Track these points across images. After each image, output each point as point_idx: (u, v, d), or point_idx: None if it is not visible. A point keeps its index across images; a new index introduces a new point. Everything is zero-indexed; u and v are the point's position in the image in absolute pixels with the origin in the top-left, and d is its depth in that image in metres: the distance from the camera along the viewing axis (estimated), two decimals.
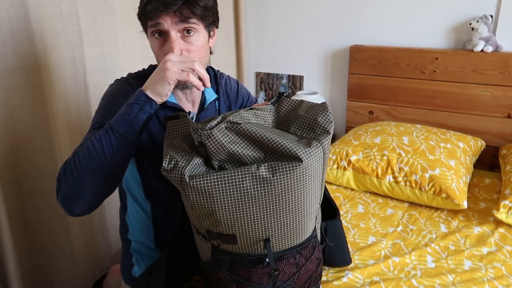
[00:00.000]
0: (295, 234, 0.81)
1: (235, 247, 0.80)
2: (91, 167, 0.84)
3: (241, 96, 1.19)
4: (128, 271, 1.17)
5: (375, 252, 1.22)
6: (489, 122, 1.84)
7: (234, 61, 2.38)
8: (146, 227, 1.12)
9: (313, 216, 0.84)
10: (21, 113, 1.35)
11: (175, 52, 0.91)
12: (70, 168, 0.85)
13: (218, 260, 0.82)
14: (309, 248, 0.85)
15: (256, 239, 0.79)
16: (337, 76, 2.23)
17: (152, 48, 0.98)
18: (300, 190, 0.76)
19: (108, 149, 0.85)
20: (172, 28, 0.91)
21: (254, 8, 2.34)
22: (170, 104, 1.02)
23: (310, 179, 0.76)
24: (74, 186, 0.84)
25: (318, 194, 0.83)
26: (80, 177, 0.84)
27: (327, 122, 0.81)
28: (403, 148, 1.59)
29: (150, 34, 0.95)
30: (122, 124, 0.85)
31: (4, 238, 1.32)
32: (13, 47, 1.30)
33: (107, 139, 0.85)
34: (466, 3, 1.83)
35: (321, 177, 0.81)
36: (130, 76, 1.06)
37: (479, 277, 1.10)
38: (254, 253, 0.81)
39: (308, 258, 0.85)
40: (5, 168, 1.34)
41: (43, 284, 1.52)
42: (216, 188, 0.73)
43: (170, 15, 0.90)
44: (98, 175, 0.85)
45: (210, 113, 1.11)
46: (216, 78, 1.16)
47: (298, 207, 0.78)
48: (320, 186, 0.83)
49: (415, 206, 1.52)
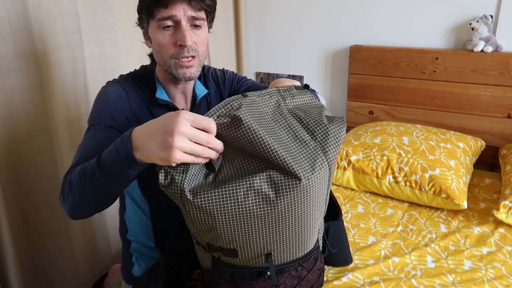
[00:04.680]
0: (297, 248, 0.80)
1: (236, 260, 0.79)
2: (87, 195, 0.78)
3: (228, 80, 1.18)
4: (128, 270, 1.17)
5: (375, 252, 1.22)
6: (489, 122, 1.84)
7: (234, 61, 2.38)
8: (145, 227, 1.13)
9: (316, 229, 0.82)
10: (21, 113, 1.35)
11: (187, 43, 0.91)
12: (70, 187, 0.79)
13: (219, 271, 0.81)
14: (311, 260, 0.84)
15: (257, 253, 0.77)
16: (337, 76, 2.23)
17: (157, 41, 0.95)
18: (304, 207, 0.73)
19: (99, 188, 0.76)
20: (183, 18, 0.92)
21: (254, 8, 2.34)
22: (162, 101, 1.03)
23: (314, 196, 0.74)
24: (74, 202, 0.80)
25: (323, 208, 0.81)
26: (80, 197, 0.79)
27: (340, 134, 0.77)
28: (403, 148, 1.59)
29: (157, 26, 0.94)
30: (109, 175, 0.73)
31: (4, 238, 1.32)
32: (13, 47, 1.30)
33: (96, 180, 0.74)
34: (466, 3, 1.83)
35: (326, 191, 0.78)
36: (121, 77, 1.06)
37: (479, 277, 1.10)
38: (256, 266, 0.79)
39: (310, 270, 0.84)
40: (5, 168, 1.34)
41: (43, 284, 1.52)
42: (218, 206, 0.69)
43: (184, 4, 0.91)
44: (95, 197, 0.80)
45: (202, 109, 1.11)
46: (204, 73, 1.16)
47: (302, 223, 0.76)
48: (325, 199, 0.81)
49: (415, 206, 1.52)
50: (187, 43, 0.92)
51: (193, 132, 0.64)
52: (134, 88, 1.03)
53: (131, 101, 1.01)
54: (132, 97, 1.01)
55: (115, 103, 0.97)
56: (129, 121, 0.99)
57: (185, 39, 0.92)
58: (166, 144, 0.63)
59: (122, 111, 0.97)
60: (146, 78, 1.06)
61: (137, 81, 1.05)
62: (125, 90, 1.01)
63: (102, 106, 0.97)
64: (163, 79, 1.04)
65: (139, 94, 1.03)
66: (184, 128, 0.63)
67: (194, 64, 0.96)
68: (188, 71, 0.96)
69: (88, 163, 0.77)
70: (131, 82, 1.03)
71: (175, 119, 0.63)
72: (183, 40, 0.92)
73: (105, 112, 0.95)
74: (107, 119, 0.94)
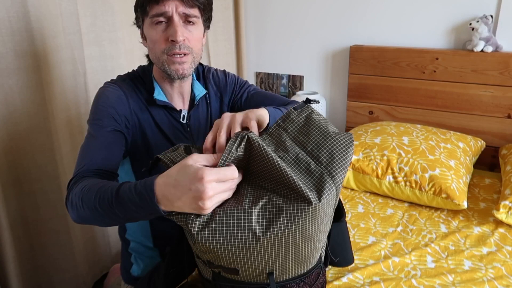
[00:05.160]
0: (300, 266, 0.78)
1: (237, 276, 0.77)
2: (100, 217, 0.77)
3: (230, 84, 1.18)
4: (127, 270, 1.17)
5: (375, 252, 1.22)
6: (489, 122, 1.84)
7: (234, 61, 2.38)
8: (144, 227, 1.13)
9: (320, 248, 0.80)
10: (21, 113, 1.35)
11: (178, 38, 0.91)
12: (81, 204, 0.77)
13: (219, 285, 0.80)
14: (313, 275, 0.83)
15: (259, 272, 0.76)
16: (337, 76, 2.23)
17: (150, 38, 0.97)
18: (310, 231, 0.71)
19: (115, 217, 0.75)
20: (175, 14, 0.93)
21: (254, 8, 2.34)
22: (161, 102, 1.03)
23: (320, 220, 0.72)
24: (84, 215, 0.79)
25: (327, 228, 0.79)
26: (92, 216, 0.78)
27: (346, 154, 0.74)
28: (403, 148, 1.59)
29: (151, 23, 0.95)
30: (128, 213, 0.72)
31: (4, 238, 1.32)
32: (13, 47, 1.30)
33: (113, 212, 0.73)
34: (466, 3, 1.83)
35: (332, 212, 0.76)
36: (119, 78, 1.06)
37: (479, 277, 1.10)
38: (257, 282, 0.78)
39: (312, 285, 0.83)
40: (5, 168, 1.34)
41: (43, 284, 1.52)
42: (218, 237, 0.67)
43: (175, 1, 0.91)
44: (108, 222, 0.78)
45: (201, 109, 1.11)
46: (204, 73, 1.16)
47: (306, 245, 0.74)
48: (330, 219, 0.79)
49: (415, 206, 1.52)
50: (178, 38, 0.92)
51: (220, 189, 0.65)
52: (132, 88, 1.03)
53: (130, 102, 1.01)
54: (130, 98, 1.01)
55: (115, 104, 0.97)
56: (129, 122, 0.99)
57: (176, 34, 0.92)
58: (198, 206, 0.64)
59: (122, 112, 0.97)
60: (143, 78, 1.06)
61: (135, 81, 1.05)
62: (123, 90, 1.01)
63: (102, 107, 0.96)
64: (159, 78, 1.05)
65: (137, 95, 1.03)
66: (212, 192, 0.63)
67: (186, 60, 0.96)
68: (180, 67, 0.96)
69: (104, 191, 0.74)
70: (129, 83, 1.03)
71: (202, 186, 0.62)
72: (174, 35, 0.92)
73: (105, 113, 0.95)
74: (108, 120, 0.94)
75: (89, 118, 0.97)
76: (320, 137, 0.76)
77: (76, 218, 0.80)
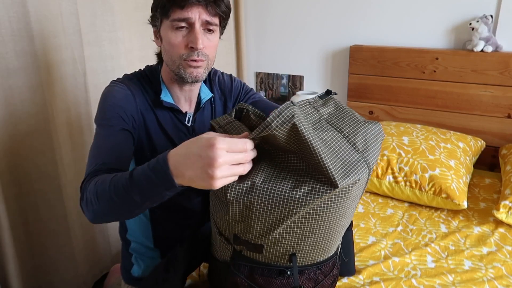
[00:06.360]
0: (321, 252, 0.80)
1: (259, 256, 0.78)
2: (116, 207, 0.77)
3: (235, 89, 1.18)
4: (127, 270, 1.17)
5: (375, 252, 1.22)
6: (489, 122, 1.84)
7: (234, 61, 2.38)
8: (145, 227, 1.13)
9: (341, 236, 0.82)
10: (21, 113, 1.35)
11: (198, 46, 0.91)
12: (96, 197, 0.78)
13: (237, 264, 0.80)
14: (329, 265, 0.85)
15: (282, 252, 0.77)
16: (337, 76, 2.23)
17: (168, 40, 0.95)
18: (339, 214, 0.73)
19: (132, 203, 0.75)
20: (198, 21, 0.92)
21: (254, 8, 2.34)
22: (167, 104, 1.02)
23: (350, 204, 0.74)
24: (99, 210, 0.79)
25: (351, 214, 0.81)
26: (108, 208, 0.78)
27: (377, 141, 0.76)
28: (403, 148, 1.59)
29: (171, 26, 0.93)
30: (144, 195, 0.72)
31: (4, 238, 1.32)
32: (13, 47, 1.29)
33: (129, 197, 0.73)
34: (466, 3, 1.83)
35: (358, 199, 0.78)
36: (126, 77, 1.05)
37: (479, 277, 1.10)
38: (277, 264, 0.79)
39: (327, 275, 0.85)
40: (5, 168, 1.34)
41: (43, 284, 1.52)
42: (259, 202, 0.69)
43: (200, 8, 0.91)
44: (125, 210, 0.78)
45: (206, 112, 1.11)
46: (210, 76, 1.16)
47: (332, 228, 0.76)
48: (356, 206, 0.80)
49: (415, 206, 1.52)
50: (198, 46, 0.92)
51: (231, 159, 0.64)
52: (139, 88, 1.02)
53: (137, 101, 1.00)
54: (137, 97, 1.00)
55: (122, 103, 0.96)
56: (136, 121, 0.99)
57: (197, 42, 0.91)
58: (207, 176, 0.63)
59: (129, 111, 0.97)
60: (151, 78, 1.05)
61: (142, 81, 1.04)
62: (130, 90, 1.00)
63: (110, 106, 0.96)
64: (168, 80, 1.04)
65: (143, 95, 1.02)
66: (222, 160, 0.62)
67: (202, 65, 0.96)
68: (195, 71, 0.96)
69: (118, 178, 0.75)
70: (136, 82, 1.03)
71: (212, 153, 0.62)
72: (195, 42, 0.92)
73: (113, 112, 0.94)
74: (117, 120, 0.94)
75: (96, 117, 0.96)
76: (353, 123, 0.77)
77: (92, 217, 0.80)
